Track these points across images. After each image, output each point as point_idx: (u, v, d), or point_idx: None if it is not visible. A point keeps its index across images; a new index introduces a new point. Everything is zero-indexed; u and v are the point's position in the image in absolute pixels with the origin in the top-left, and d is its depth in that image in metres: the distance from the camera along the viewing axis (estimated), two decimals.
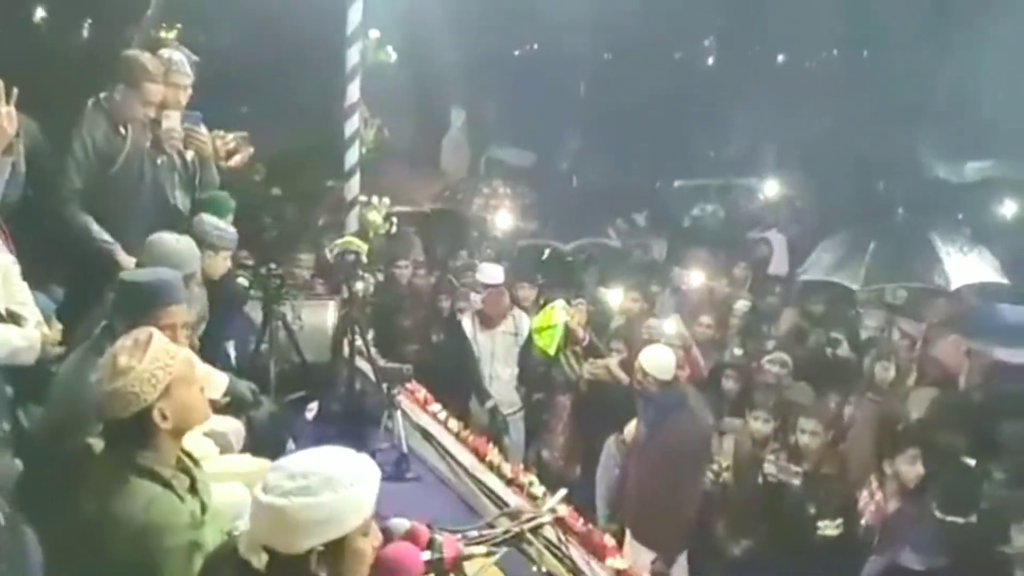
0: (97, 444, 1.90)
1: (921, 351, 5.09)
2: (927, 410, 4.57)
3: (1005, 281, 5.80)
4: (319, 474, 1.50)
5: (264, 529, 1.49)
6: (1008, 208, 8.52)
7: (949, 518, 3.53)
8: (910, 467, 3.78)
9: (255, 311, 4.17)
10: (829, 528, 3.87)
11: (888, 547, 3.63)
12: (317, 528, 1.48)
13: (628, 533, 4.23)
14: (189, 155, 3.93)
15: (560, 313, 5.15)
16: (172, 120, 3.83)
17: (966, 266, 5.70)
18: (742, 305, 5.79)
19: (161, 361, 1.89)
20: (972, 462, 3.78)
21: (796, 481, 4.12)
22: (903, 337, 5.25)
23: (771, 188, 9.31)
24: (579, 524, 3.24)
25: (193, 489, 1.93)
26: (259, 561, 1.47)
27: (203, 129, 3.95)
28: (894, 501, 3.83)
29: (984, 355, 4.82)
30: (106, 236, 3.54)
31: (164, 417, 1.89)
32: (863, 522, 3.90)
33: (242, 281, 4.01)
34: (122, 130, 3.68)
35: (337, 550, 1.51)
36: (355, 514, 1.53)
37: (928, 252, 5.74)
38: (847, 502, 4.01)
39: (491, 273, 5.37)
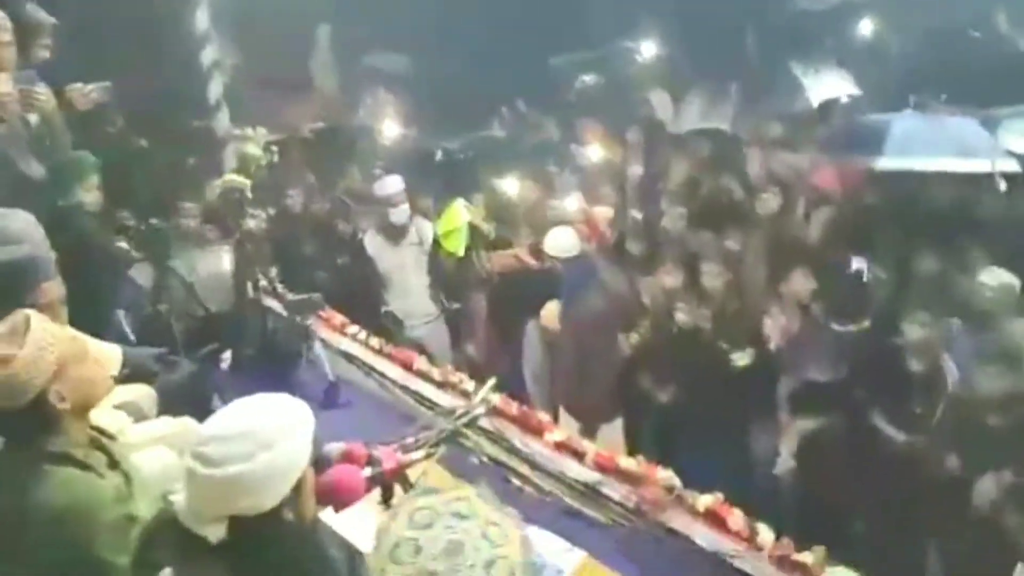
0: None
1: (801, 179, 5.34)
2: (812, 229, 4.86)
3: (859, 92, 6.21)
4: (267, 427, 1.50)
5: (227, 500, 1.48)
6: (865, 27, 8.90)
7: (843, 328, 3.82)
8: (802, 285, 4.04)
9: (142, 273, 4.01)
10: (741, 359, 4.12)
11: (795, 365, 3.93)
12: (286, 477, 1.50)
13: (561, 410, 4.44)
14: (32, 118, 3.61)
15: (462, 213, 5.14)
16: (3, 83, 3.49)
17: (824, 83, 6.11)
18: (635, 169, 5.91)
19: (44, 342, 1.80)
20: (856, 269, 4.04)
21: (706, 324, 4.35)
22: (787, 169, 5.48)
23: (647, 49, 9.30)
24: (513, 409, 3.39)
25: (113, 464, 1.89)
26: (216, 535, 1.47)
27: (42, 87, 3.63)
28: (794, 321, 4.10)
29: (857, 169, 5.13)
30: None
31: (62, 399, 1.81)
32: (771, 347, 4.16)
33: (122, 245, 3.83)
34: None
35: (298, 490, 1.54)
36: (303, 456, 1.55)
37: (787, 79, 6.06)
38: (754, 332, 4.27)
39: (389, 183, 5.24)
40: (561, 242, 4.54)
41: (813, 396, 3.80)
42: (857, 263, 4.23)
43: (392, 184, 5.22)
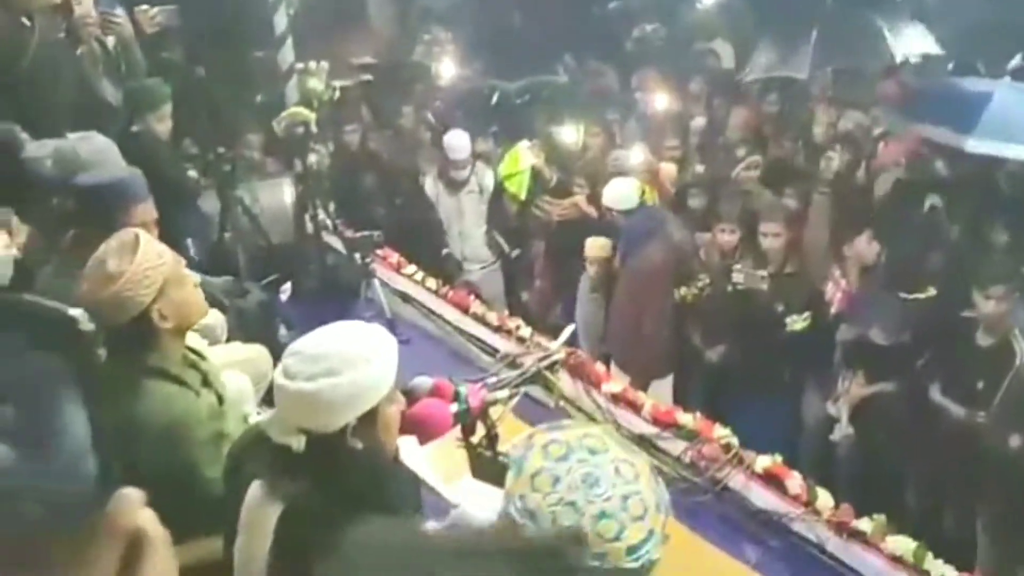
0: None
1: (869, 140, 5.17)
2: (879, 193, 4.73)
3: (942, 52, 5.89)
4: (339, 354, 1.53)
5: (297, 413, 1.53)
6: None
7: (908, 295, 3.74)
8: (867, 247, 3.95)
9: (208, 202, 4.06)
10: (797, 323, 4.07)
11: (856, 323, 3.86)
12: (347, 405, 1.53)
13: (612, 363, 4.44)
14: (110, 41, 3.64)
15: (526, 156, 5.10)
16: (84, 6, 3.51)
17: (907, 39, 5.79)
18: (698, 122, 5.77)
19: (152, 261, 1.85)
20: (931, 206, 3.90)
21: (763, 286, 4.30)
22: (855, 128, 5.30)
23: None
24: (572, 357, 3.40)
25: (206, 383, 1.96)
26: (299, 444, 1.52)
27: (120, 11, 3.65)
28: (857, 284, 4.01)
29: (928, 138, 4.88)
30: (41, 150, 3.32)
31: (164, 317, 1.87)
32: (832, 311, 4.09)
33: (192, 173, 3.87)
34: (26, 21, 3.38)
35: (369, 421, 1.57)
36: (380, 385, 1.57)
37: (869, 29, 5.77)
38: (812, 296, 4.20)
39: (458, 146, 5.19)
40: (620, 193, 4.47)
41: (872, 358, 3.74)
42: (932, 200, 4.10)
43: (460, 147, 5.16)
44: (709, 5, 8.79)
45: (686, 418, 3.08)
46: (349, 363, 1.52)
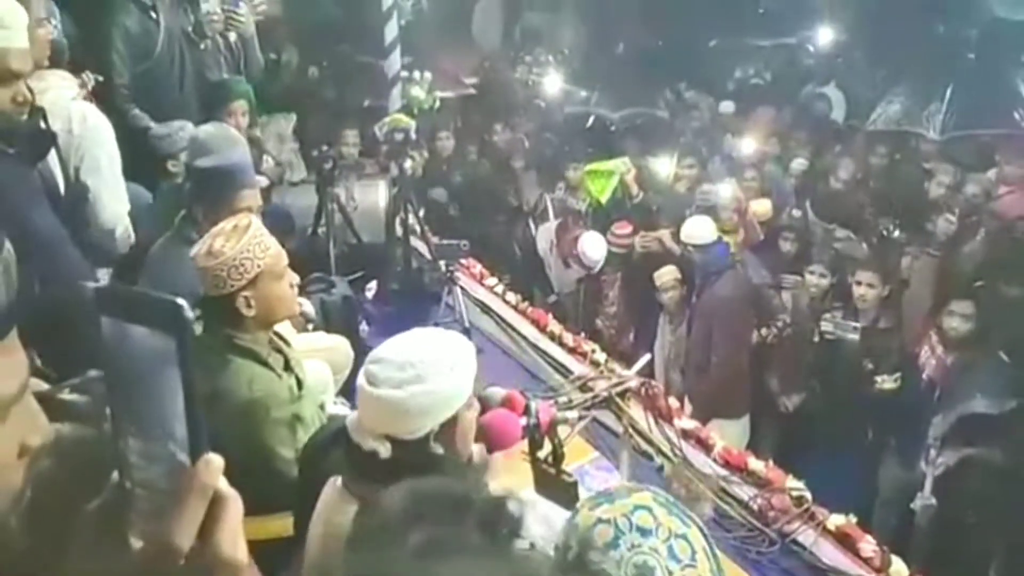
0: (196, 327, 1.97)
1: (987, 204, 4.92)
2: (987, 258, 4.49)
3: None
4: (425, 361, 1.55)
5: (382, 419, 1.55)
6: None
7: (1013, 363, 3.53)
8: (966, 317, 3.74)
9: (305, 197, 4.18)
10: (887, 383, 3.90)
11: (955, 398, 3.66)
12: (432, 412, 1.54)
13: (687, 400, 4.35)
14: (232, 37, 3.83)
15: (618, 164, 5.12)
16: (210, 2, 3.72)
17: None
18: (799, 164, 5.63)
19: (252, 252, 1.93)
20: None
21: (853, 336, 4.13)
22: (975, 193, 5.04)
23: (824, 37, 8.77)
24: (646, 388, 3.33)
25: (288, 367, 2.01)
26: (386, 451, 1.54)
27: (243, 8, 3.84)
28: (955, 352, 3.81)
29: None
30: (163, 129, 3.52)
31: (249, 305, 1.95)
32: (924, 376, 3.89)
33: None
34: (153, 15, 3.58)
35: (449, 426, 1.58)
36: (462, 393, 1.59)
37: (1010, 94, 5.44)
38: (904, 356, 4.02)
39: (593, 253, 4.98)
40: (698, 229, 4.45)
41: (970, 427, 3.53)
42: None
43: (596, 254, 4.99)
44: (824, 47, 8.61)
45: (758, 465, 2.97)
46: (435, 371, 1.54)
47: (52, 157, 2.29)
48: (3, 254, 0.67)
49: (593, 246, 5.03)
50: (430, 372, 1.54)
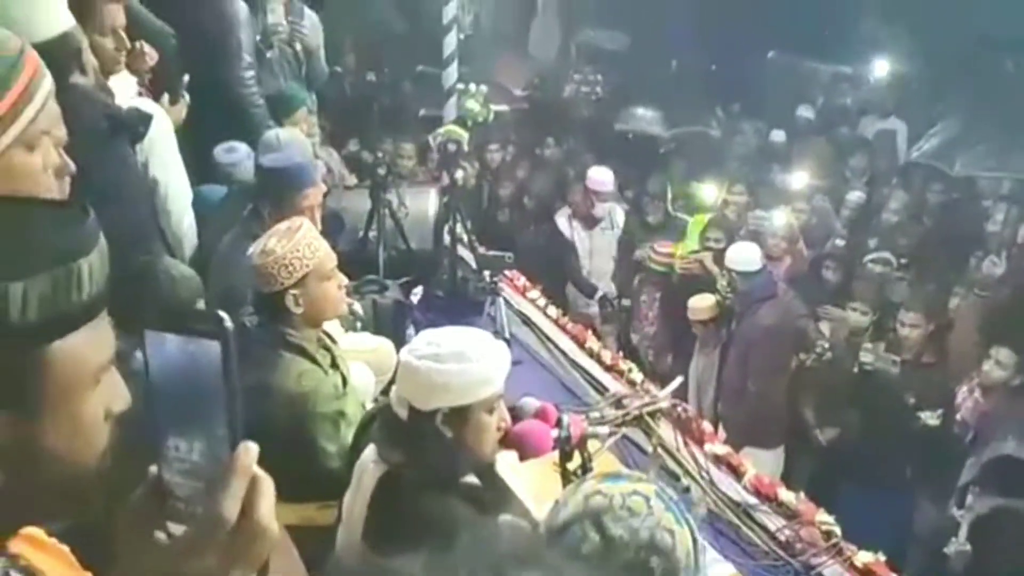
0: (252, 321, 2.09)
1: None
2: None
3: None
4: (450, 346, 1.67)
5: (403, 384, 1.70)
6: None
7: None
8: (1004, 364, 3.67)
9: (359, 201, 4.30)
10: (931, 418, 3.85)
11: (988, 442, 3.59)
12: (441, 392, 1.66)
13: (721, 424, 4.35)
14: (297, 47, 3.97)
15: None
16: (276, 14, 3.86)
17: None
18: (856, 197, 5.57)
19: (301, 252, 2.04)
20: None
21: (894, 369, 4.08)
22: None
23: (881, 68, 8.64)
24: (678, 410, 3.35)
25: (334, 365, 2.11)
26: (404, 413, 1.68)
27: (308, 20, 3.97)
28: (993, 396, 3.74)
29: None
30: (228, 158, 3.56)
31: (297, 304, 2.06)
32: (959, 416, 3.84)
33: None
34: None
35: (460, 416, 1.68)
36: (477, 387, 1.68)
37: None
38: (947, 393, 3.96)
39: (602, 180, 5.25)
40: (744, 256, 4.44)
41: (1008, 473, 3.46)
42: None
43: (604, 181, 5.24)
44: (882, 78, 8.47)
45: (788, 495, 2.97)
46: (455, 356, 1.65)
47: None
48: (99, 244, 0.74)
49: (600, 172, 5.18)
50: (449, 356, 1.65)
